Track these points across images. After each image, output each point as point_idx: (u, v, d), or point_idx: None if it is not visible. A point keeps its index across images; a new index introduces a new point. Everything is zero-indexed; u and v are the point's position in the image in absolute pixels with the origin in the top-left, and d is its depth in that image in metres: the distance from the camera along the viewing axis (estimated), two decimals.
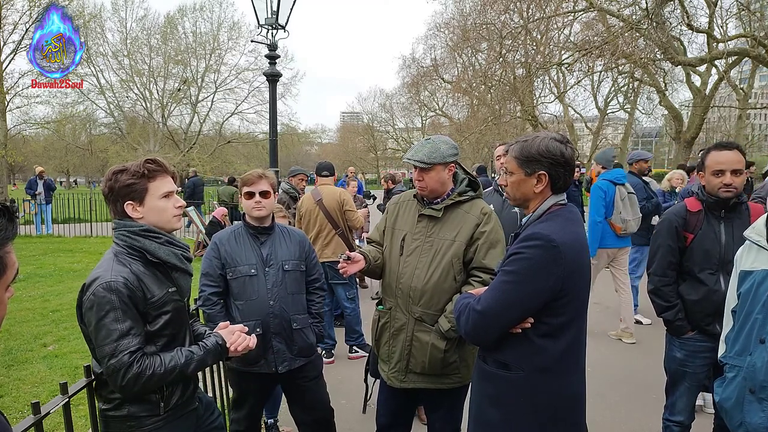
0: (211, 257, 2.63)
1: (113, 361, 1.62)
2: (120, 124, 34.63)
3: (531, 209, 1.80)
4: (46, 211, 13.90)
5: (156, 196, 1.80)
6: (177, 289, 1.85)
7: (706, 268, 2.57)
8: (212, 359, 1.85)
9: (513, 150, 1.80)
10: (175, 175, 1.91)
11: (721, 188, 2.50)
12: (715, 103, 20.30)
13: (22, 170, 31.58)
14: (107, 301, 1.64)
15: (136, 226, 1.77)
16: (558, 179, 1.75)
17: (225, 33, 33.01)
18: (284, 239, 2.72)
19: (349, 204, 4.86)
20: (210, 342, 1.85)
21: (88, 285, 1.69)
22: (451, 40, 23.88)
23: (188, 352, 1.78)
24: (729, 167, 2.48)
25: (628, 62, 15.53)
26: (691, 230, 2.63)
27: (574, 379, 1.77)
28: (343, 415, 3.68)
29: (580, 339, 1.78)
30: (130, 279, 1.69)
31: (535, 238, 1.66)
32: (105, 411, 1.78)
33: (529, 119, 23.42)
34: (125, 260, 1.74)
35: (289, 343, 2.62)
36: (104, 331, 1.63)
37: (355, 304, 4.96)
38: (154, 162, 1.81)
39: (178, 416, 1.84)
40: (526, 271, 1.65)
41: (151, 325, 1.75)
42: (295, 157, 45.17)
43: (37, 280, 7.96)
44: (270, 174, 2.72)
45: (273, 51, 6.02)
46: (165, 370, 1.69)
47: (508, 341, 1.74)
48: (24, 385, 4.20)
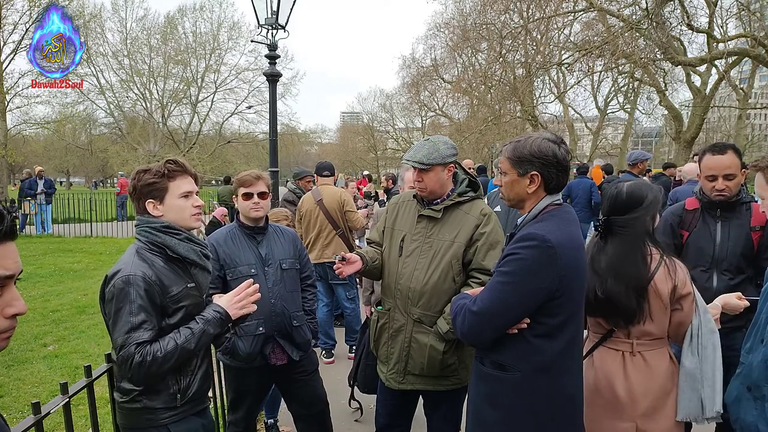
0: None
1: (122, 352, 1.69)
2: (120, 124, 34.65)
3: (526, 209, 1.80)
4: (46, 211, 13.89)
5: (176, 195, 1.86)
6: (196, 285, 1.90)
7: (698, 266, 2.59)
8: (215, 328, 1.85)
9: (506, 150, 1.80)
10: (196, 175, 1.97)
11: (714, 193, 2.53)
12: (715, 103, 20.29)
13: (23, 170, 31.55)
14: (125, 294, 1.70)
15: (157, 223, 1.83)
16: (551, 180, 1.74)
17: (225, 33, 33.03)
18: (279, 238, 2.76)
19: (349, 204, 4.86)
20: (208, 313, 1.86)
21: (110, 277, 1.76)
22: (451, 40, 23.85)
23: (186, 329, 1.79)
24: (721, 172, 2.50)
25: (628, 62, 15.54)
26: (687, 228, 2.66)
27: (571, 380, 1.78)
28: (344, 414, 3.69)
29: (577, 339, 1.78)
30: (148, 274, 1.75)
31: (530, 238, 1.66)
32: (122, 403, 1.82)
33: (529, 119, 23.42)
34: (146, 256, 1.81)
35: (290, 340, 2.67)
36: (119, 322, 1.70)
37: (356, 305, 4.96)
38: (175, 162, 1.89)
39: (193, 412, 1.89)
40: (522, 271, 1.65)
41: (170, 318, 1.80)
42: (295, 157, 45.18)
43: (37, 280, 7.95)
44: (265, 175, 2.76)
45: (273, 51, 6.02)
46: (165, 352, 1.71)
47: (505, 342, 1.73)
48: (24, 385, 4.20)
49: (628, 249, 1.98)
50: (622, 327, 2.00)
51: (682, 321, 2.00)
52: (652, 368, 1.98)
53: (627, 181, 2.13)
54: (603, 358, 2.05)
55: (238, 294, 1.92)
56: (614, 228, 2.02)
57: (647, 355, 1.99)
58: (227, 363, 2.71)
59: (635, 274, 1.95)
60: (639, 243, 1.98)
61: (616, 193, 2.04)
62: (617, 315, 1.97)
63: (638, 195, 1.99)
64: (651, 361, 1.99)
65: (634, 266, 1.95)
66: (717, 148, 2.55)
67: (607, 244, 2.03)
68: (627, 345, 2.01)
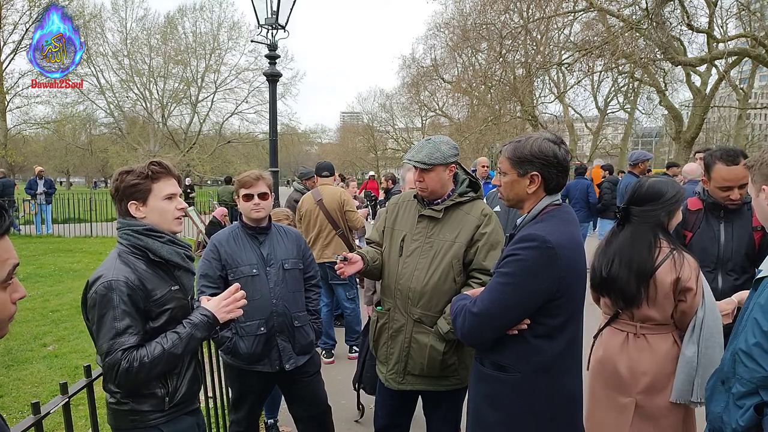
0: (210, 259, 2.63)
1: (108, 359, 1.67)
2: (120, 124, 34.66)
3: (526, 210, 1.80)
4: (46, 211, 13.89)
5: (159, 197, 1.84)
6: (180, 287, 1.89)
7: (703, 266, 2.58)
8: (202, 332, 1.83)
9: (506, 150, 1.79)
10: (179, 177, 1.94)
11: (728, 202, 2.52)
12: (715, 103, 20.29)
13: (23, 170, 31.56)
14: (107, 300, 1.68)
15: (139, 226, 1.81)
16: (551, 180, 1.74)
17: (225, 33, 33.07)
18: (281, 238, 2.74)
19: (349, 204, 4.86)
20: (195, 317, 1.83)
21: (91, 283, 1.74)
22: (451, 40, 23.84)
23: (173, 334, 1.77)
24: (737, 183, 2.48)
25: (628, 62, 15.54)
26: (690, 228, 2.65)
27: (571, 380, 1.78)
28: (344, 415, 3.68)
29: (577, 339, 1.78)
30: (131, 278, 1.72)
31: (530, 239, 1.65)
32: (111, 405, 1.81)
33: (529, 119, 23.41)
34: (128, 259, 1.78)
35: (292, 340, 2.66)
36: (103, 328, 1.68)
37: (356, 305, 4.96)
38: (159, 164, 1.86)
39: (182, 413, 1.87)
40: (522, 272, 1.65)
41: (154, 322, 1.78)
42: (295, 157, 45.19)
43: (37, 280, 7.95)
44: (267, 175, 2.73)
45: (273, 51, 6.01)
46: (152, 357, 1.69)
47: (505, 342, 1.73)
48: (24, 385, 4.20)
49: (638, 237, 2.13)
50: (623, 308, 2.14)
51: (685, 311, 2.11)
52: (654, 350, 2.12)
53: (657, 177, 2.29)
54: (609, 337, 2.22)
55: (226, 298, 1.90)
56: (630, 216, 2.19)
57: (651, 338, 2.13)
58: (230, 363, 2.71)
59: (639, 261, 2.08)
60: (649, 233, 2.12)
61: (639, 186, 2.22)
62: (617, 295, 2.11)
63: (657, 190, 2.16)
64: (653, 344, 2.12)
65: (640, 253, 2.10)
66: (729, 158, 2.49)
67: (622, 230, 2.19)
68: (632, 327, 2.15)
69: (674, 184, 2.24)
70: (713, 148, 4.50)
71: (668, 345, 2.13)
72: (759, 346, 1.42)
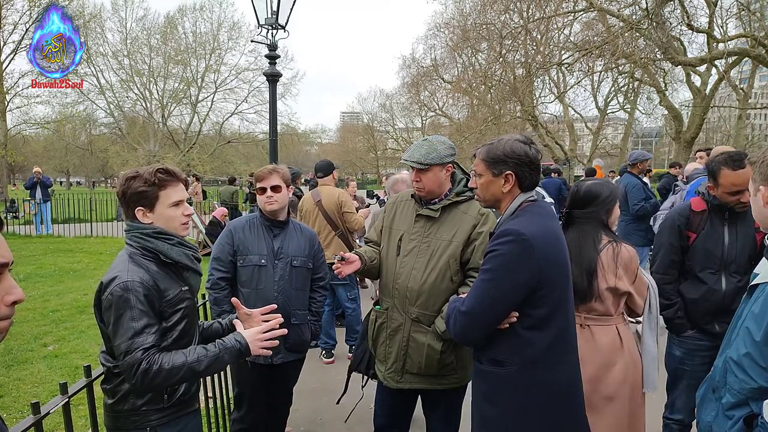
0: (223, 243, 2.70)
1: (128, 358, 1.66)
2: (120, 124, 34.66)
3: (503, 209, 1.86)
4: (45, 210, 13.89)
5: (166, 204, 1.84)
6: (189, 288, 1.91)
7: (707, 268, 2.59)
8: (231, 358, 1.78)
9: (480, 153, 1.87)
10: (186, 181, 1.94)
11: (738, 205, 2.50)
12: (715, 103, 20.29)
13: (23, 170, 31.62)
14: (124, 301, 1.68)
15: (149, 229, 1.82)
16: (524, 178, 1.82)
17: (225, 33, 33.07)
18: (296, 235, 2.79)
19: (347, 206, 4.82)
20: (229, 340, 1.78)
21: (106, 284, 1.73)
22: (451, 40, 23.85)
23: (201, 350, 1.74)
24: (747, 186, 2.46)
25: (628, 62, 15.53)
26: (694, 230, 2.64)
27: (565, 369, 1.81)
28: (342, 415, 3.68)
29: (567, 329, 1.83)
30: (145, 279, 1.74)
31: (506, 234, 1.72)
32: (111, 405, 1.81)
33: (529, 119, 23.40)
34: (140, 261, 1.79)
35: (284, 336, 2.66)
36: (121, 329, 1.68)
37: (356, 305, 4.97)
38: (166, 171, 1.84)
39: (182, 413, 1.87)
40: (501, 267, 1.71)
41: (166, 322, 1.79)
42: (295, 157, 45.15)
43: (37, 280, 7.94)
44: (282, 168, 2.77)
45: (273, 51, 6.02)
46: (172, 366, 1.68)
47: (498, 337, 1.78)
48: (24, 385, 4.20)
49: (584, 236, 2.30)
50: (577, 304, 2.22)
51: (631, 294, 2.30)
52: (596, 341, 2.27)
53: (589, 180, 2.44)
54: None
55: (264, 331, 1.83)
56: (574, 219, 2.38)
57: (594, 329, 2.29)
58: None
59: (588, 258, 2.26)
60: (593, 232, 2.31)
61: (576, 190, 2.41)
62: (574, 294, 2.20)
63: (594, 192, 2.35)
64: (596, 335, 2.28)
65: (587, 251, 2.27)
66: (735, 162, 2.47)
67: (567, 232, 2.31)
68: (579, 318, 2.28)
69: (608, 185, 2.41)
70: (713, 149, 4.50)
71: (611, 337, 2.27)
72: (749, 356, 1.41)
